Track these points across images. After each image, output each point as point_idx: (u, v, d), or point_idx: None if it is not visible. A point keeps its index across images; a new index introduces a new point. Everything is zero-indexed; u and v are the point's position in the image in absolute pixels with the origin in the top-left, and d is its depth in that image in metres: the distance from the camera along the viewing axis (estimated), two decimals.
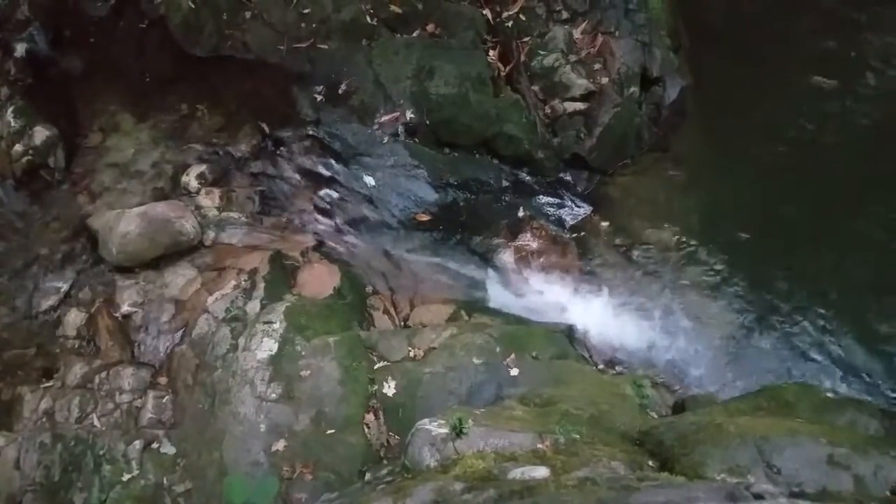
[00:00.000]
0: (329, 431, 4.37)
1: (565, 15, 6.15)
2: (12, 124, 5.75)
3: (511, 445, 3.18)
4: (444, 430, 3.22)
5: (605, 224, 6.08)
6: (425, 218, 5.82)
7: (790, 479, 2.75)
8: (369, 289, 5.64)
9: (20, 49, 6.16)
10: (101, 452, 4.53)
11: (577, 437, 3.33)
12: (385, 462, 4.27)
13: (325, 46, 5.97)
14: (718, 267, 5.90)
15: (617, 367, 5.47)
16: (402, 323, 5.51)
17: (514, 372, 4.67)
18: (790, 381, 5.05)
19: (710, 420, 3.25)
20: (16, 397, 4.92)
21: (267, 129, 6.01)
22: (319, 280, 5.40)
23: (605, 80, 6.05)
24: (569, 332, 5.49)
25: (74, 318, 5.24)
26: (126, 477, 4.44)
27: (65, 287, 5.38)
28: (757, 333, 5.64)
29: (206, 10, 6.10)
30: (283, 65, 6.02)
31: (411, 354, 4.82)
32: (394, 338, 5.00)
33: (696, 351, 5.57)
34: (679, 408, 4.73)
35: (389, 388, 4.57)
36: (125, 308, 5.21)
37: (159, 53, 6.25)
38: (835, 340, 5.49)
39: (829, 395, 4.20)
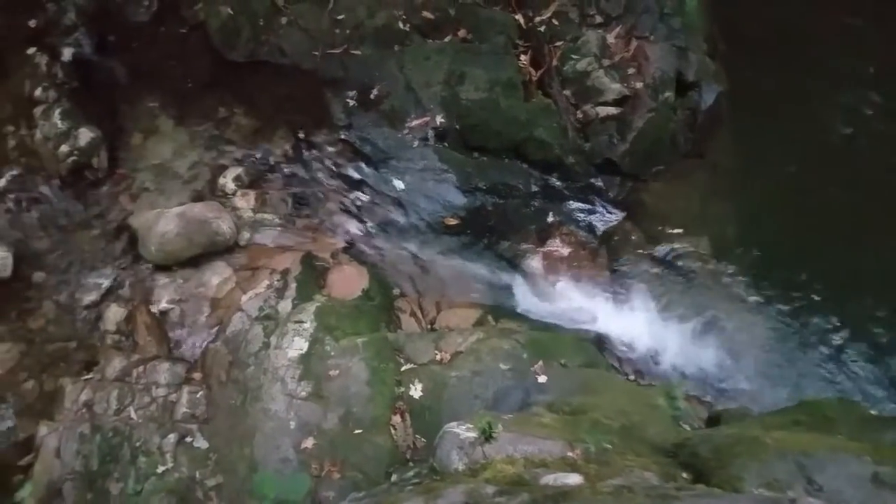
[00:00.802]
0: (357, 431, 4.43)
1: (599, 19, 6.09)
2: (59, 126, 5.94)
3: (541, 452, 3.19)
4: (473, 434, 3.25)
5: (637, 231, 6.01)
6: (453, 222, 5.85)
7: (832, 496, 2.69)
8: (397, 291, 5.69)
9: (67, 53, 6.34)
10: (138, 444, 4.67)
11: (609, 446, 3.32)
12: (411, 464, 4.30)
13: (358, 52, 6.06)
14: (755, 277, 5.79)
15: (648, 378, 5.40)
16: (429, 326, 5.55)
17: (542, 379, 4.66)
18: (830, 396, 4.92)
19: (748, 433, 3.20)
20: (58, 388, 5.08)
21: (301, 133, 6.12)
22: (348, 281, 5.47)
23: (639, 85, 5.98)
24: (598, 341, 5.45)
25: (114, 314, 5.40)
26: (160, 469, 4.57)
27: (106, 283, 5.55)
28: (795, 346, 5.52)
29: (244, 17, 6.24)
30: (317, 70, 6.13)
31: (438, 358, 4.84)
32: (420, 340, 5.04)
33: (730, 363, 5.47)
34: (713, 420, 4.66)
35: (416, 391, 4.61)
36: (163, 305, 5.36)
37: (198, 58, 6.39)
38: (877, 355, 5.34)
39: (872, 412, 4.08)
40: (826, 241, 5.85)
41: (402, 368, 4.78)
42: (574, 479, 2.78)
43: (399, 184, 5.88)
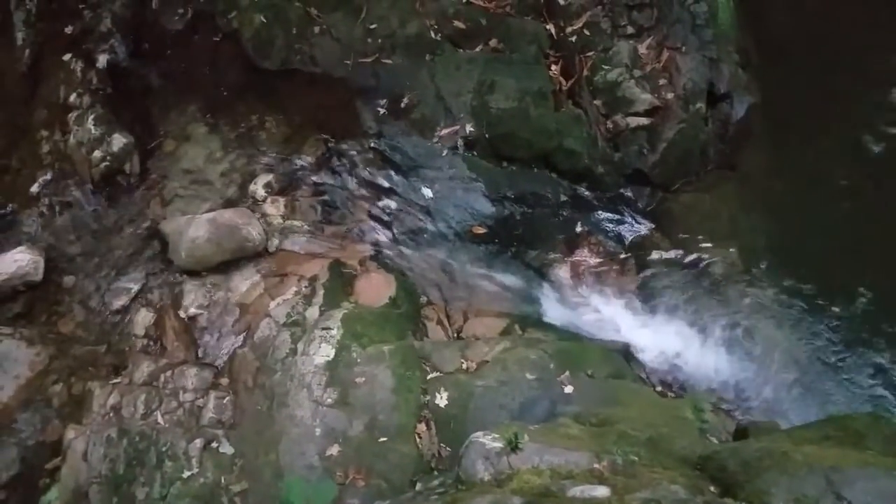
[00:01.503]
0: (382, 439, 4.40)
1: (630, 30, 6.07)
2: (93, 131, 6.05)
3: (567, 463, 3.13)
4: (499, 444, 3.20)
5: (666, 242, 5.94)
6: (481, 231, 5.83)
7: None
8: (424, 299, 5.66)
9: (102, 60, 6.46)
10: (164, 449, 4.66)
11: (636, 458, 3.26)
12: (436, 473, 4.26)
13: (390, 61, 6.09)
14: (784, 290, 5.69)
15: (675, 390, 5.32)
16: (455, 334, 5.51)
17: (569, 389, 4.60)
18: (860, 411, 4.81)
19: (776, 447, 3.13)
20: (86, 392, 5.13)
21: (331, 141, 6.16)
22: (376, 289, 5.47)
23: (670, 96, 5.94)
24: (625, 352, 5.37)
25: (143, 318, 5.46)
26: (186, 474, 4.55)
27: (135, 288, 5.61)
28: (825, 360, 5.41)
29: (277, 25, 6.31)
30: (349, 79, 6.16)
31: (464, 366, 4.81)
32: (447, 349, 5.01)
33: (759, 376, 5.38)
34: (741, 434, 4.57)
35: (441, 400, 4.57)
36: (191, 310, 5.39)
37: (231, 66, 6.47)
38: None
39: None
40: (858, 254, 5.73)
41: (428, 377, 4.75)
42: (601, 491, 2.74)
43: (427, 192, 5.89)
